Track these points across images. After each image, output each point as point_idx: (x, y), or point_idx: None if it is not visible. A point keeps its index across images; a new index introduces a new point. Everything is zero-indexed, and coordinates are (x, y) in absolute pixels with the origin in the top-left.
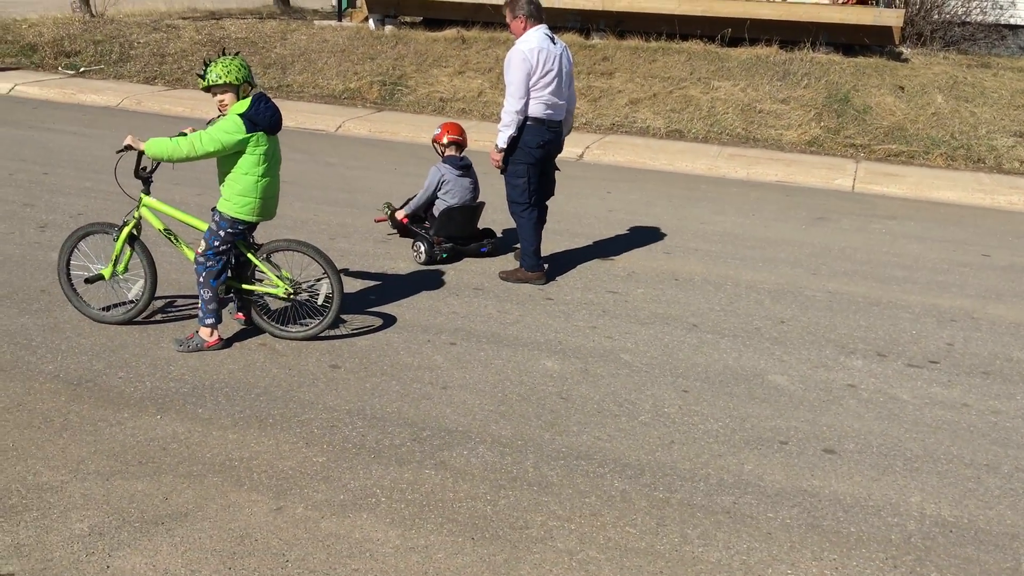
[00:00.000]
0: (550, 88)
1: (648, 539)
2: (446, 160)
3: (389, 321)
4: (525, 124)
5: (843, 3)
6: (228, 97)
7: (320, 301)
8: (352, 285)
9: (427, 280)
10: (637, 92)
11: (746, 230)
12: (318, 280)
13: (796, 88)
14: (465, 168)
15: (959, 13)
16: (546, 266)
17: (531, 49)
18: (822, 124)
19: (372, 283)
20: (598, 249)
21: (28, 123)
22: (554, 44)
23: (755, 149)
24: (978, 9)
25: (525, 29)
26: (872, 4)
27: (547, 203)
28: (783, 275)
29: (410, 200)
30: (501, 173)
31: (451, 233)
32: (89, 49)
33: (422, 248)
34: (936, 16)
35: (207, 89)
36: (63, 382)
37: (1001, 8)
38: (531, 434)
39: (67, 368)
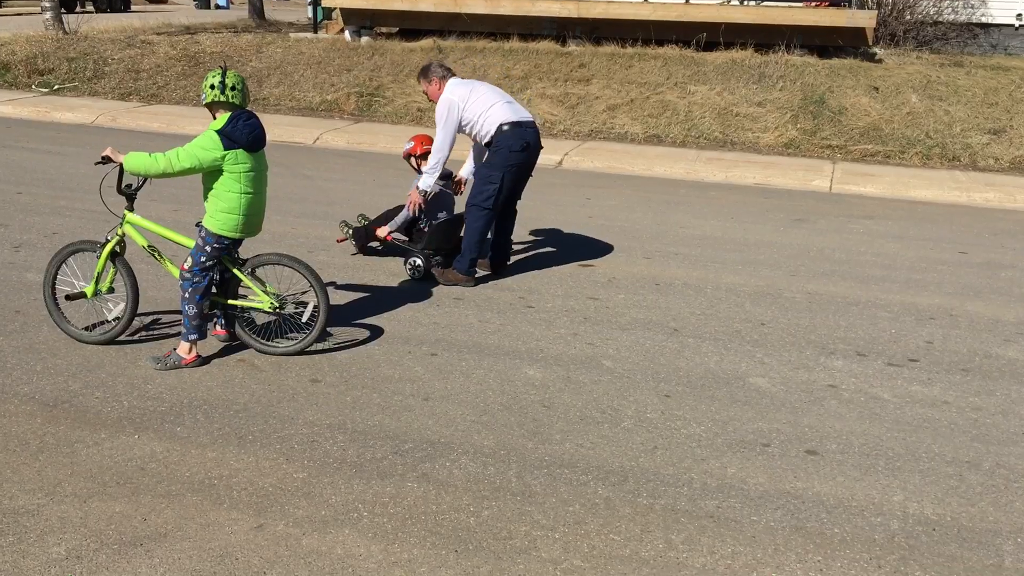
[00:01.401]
0: (495, 97)
1: (633, 546)
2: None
3: (370, 333)
4: (502, 129)
5: (816, 5)
6: (217, 112)
7: (306, 316)
8: (333, 298)
9: (407, 291)
10: (614, 98)
11: (725, 233)
12: (304, 294)
13: (772, 91)
14: (446, 178)
15: (931, 13)
16: (480, 274)
17: (451, 89)
18: (798, 126)
19: (352, 295)
20: (578, 255)
21: (1, 142)
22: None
23: (732, 152)
24: (949, 8)
25: (442, 88)
26: (845, 6)
27: (516, 208)
28: (763, 277)
29: (385, 216)
30: (416, 215)
31: (441, 245)
32: (63, 66)
33: (418, 262)
34: (908, 16)
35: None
36: (39, 403)
37: (972, 7)
38: (514, 443)
39: (43, 389)
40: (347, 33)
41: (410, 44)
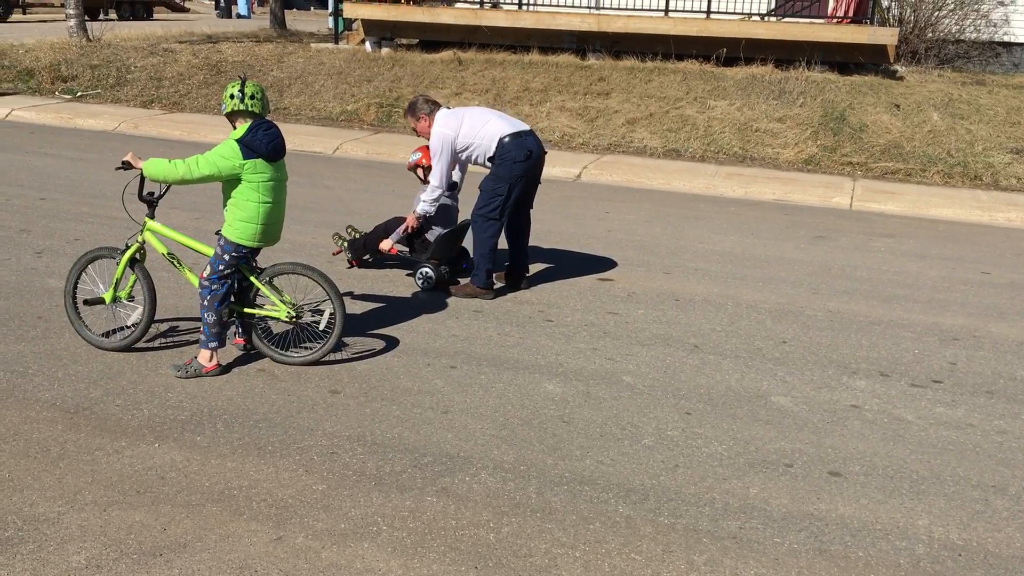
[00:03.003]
0: (487, 115)
1: (654, 566)
2: None
3: (388, 345)
4: (503, 142)
5: (837, 22)
6: (238, 122)
7: (323, 325)
8: (351, 308)
9: (426, 303)
10: (634, 112)
11: (745, 249)
12: (321, 303)
13: (792, 107)
14: (452, 187)
15: (953, 31)
16: (497, 286)
17: (442, 121)
18: (819, 142)
19: (370, 306)
20: (597, 269)
21: (25, 148)
22: None
23: (752, 168)
24: (972, 27)
25: (431, 123)
26: (866, 23)
27: (530, 220)
28: (784, 295)
29: (384, 228)
30: (408, 232)
31: (446, 255)
32: (86, 73)
33: (430, 272)
34: (930, 34)
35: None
36: (60, 410)
37: (995, 26)
38: (533, 459)
39: (64, 396)
40: (368, 44)
41: (430, 56)
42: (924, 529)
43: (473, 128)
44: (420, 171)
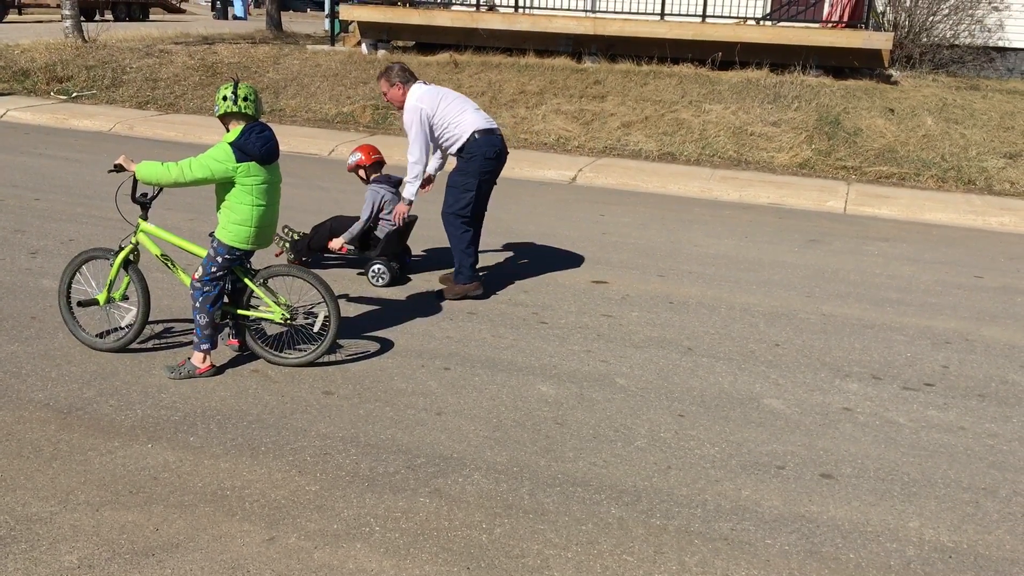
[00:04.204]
0: (464, 104)
1: (646, 567)
2: (377, 181)
3: (382, 346)
4: (474, 137)
5: (833, 27)
6: (231, 124)
7: (317, 327)
8: (345, 310)
9: (420, 304)
10: (629, 115)
11: (740, 252)
12: (315, 306)
13: (787, 111)
14: (396, 185)
15: (947, 36)
16: (482, 275)
17: (420, 96)
18: (813, 146)
19: (365, 308)
20: (592, 272)
21: (20, 148)
22: None
23: (747, 172)
24: (966, 32)
25: (405, 93)
26: (861, 28)
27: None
28: (777, 298)
29: (329, 228)
30: (399, 224)
31: (394, 251)
32: (81, 74)
33: (382, 268)
34: (925, 39)
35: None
36: (53, 410)
37: (989, 31)
38: (526, 460)
39: (57, 396)
40: (364, 46)
41: (427, 58)
42: (915, 531)
43: (451, 113)
44: (361, 172)
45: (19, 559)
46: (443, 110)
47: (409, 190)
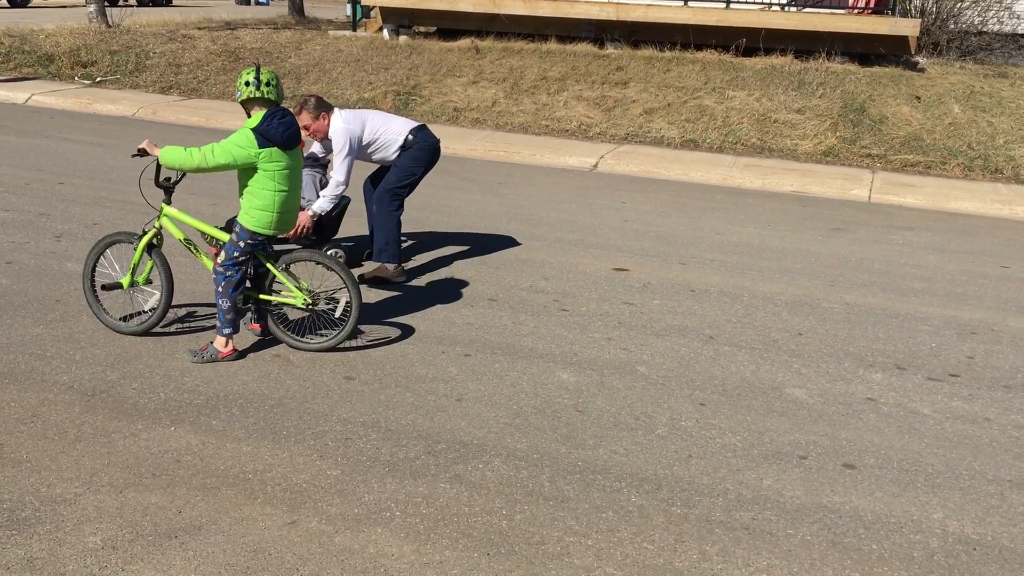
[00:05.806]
0: (386, 115)
1: (666, 556)
2: (306, 164)
3: (403, 332)
4: (408, 138)
5: (859, 13)
6: (253, 109)
7: (338, 313)
8: (366, 296)
9: (440, 291)
10: (651, 102)
11: (762, 241)
12: (337, 291)
13: (811, 98)
14: (316, 161)
15: (975, 23)
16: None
17: (345, 119)
18: (838, 134)
19: (384, 294)
20: (613, 259)
21: (44, 133)
22: None
23: (770, 159)
24: (995, 19)
25: (328, 121)
26: (888, 14)
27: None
28: (800, 286)
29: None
30: (299, 235)
31: (331, 235)
32: (105, 59)
33: (338, 252)
34: (952, 26)
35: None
36: (77, 393)
37: (1018, 18)
38: (547, 447)
39: (81, 379)
40: (385, 31)
41: (448, 44)
42: (939, 523)
43: (377, 127)
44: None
45: (44, 540)
46: (370, 125)
47: (321, 204)
